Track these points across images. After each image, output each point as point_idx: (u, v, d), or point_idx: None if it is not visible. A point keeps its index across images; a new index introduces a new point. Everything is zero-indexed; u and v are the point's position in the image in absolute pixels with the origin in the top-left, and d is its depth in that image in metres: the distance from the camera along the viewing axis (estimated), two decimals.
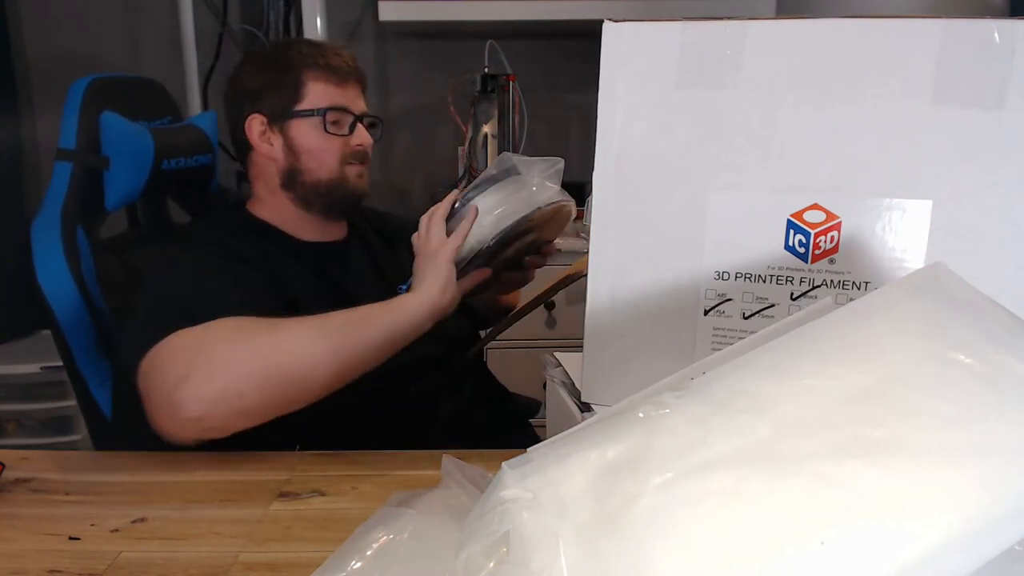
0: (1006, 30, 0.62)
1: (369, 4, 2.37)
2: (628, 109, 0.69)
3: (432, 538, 0.52)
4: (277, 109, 1.05)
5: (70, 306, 1.01)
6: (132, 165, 1.09)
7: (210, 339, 0.81)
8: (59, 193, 1.04)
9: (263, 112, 1.06)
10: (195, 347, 0.80)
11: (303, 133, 1.05)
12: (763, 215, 0.68)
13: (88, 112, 1.05)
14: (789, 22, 0.67)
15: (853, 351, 0.45)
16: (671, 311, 0.71)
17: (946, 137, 0.64)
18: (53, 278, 1.01)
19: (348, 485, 0.77)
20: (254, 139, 1.06)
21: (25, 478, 0.80)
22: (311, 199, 1.07)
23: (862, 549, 0.36)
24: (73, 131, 1.04)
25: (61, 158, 1.05)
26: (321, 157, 1.05)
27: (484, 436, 1.04)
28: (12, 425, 2.05)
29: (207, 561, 0.64)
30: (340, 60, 1.07)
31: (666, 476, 0.38)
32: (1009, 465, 0.39)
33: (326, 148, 1.05)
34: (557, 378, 0.89)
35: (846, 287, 0.68)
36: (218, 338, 0.81)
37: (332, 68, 1.06)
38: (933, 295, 0.48)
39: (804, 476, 0.38)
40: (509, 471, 0.40)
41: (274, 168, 1.07)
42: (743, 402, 0.42)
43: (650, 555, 0.36)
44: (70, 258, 1.02)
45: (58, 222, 1.02)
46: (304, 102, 1.04)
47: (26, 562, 0.64)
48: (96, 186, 1.07)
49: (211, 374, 0.79)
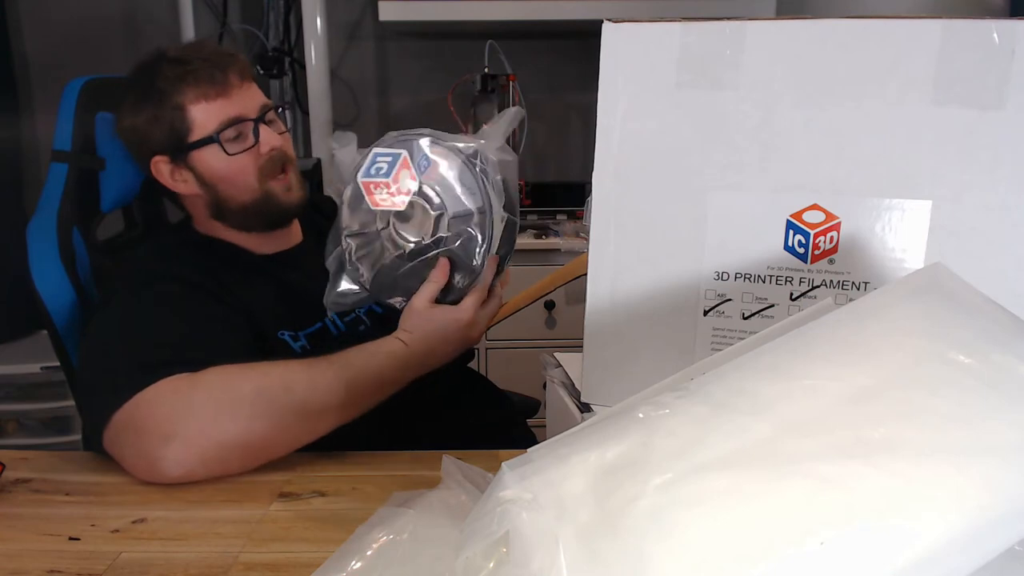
0: (1006, 30, 0.62)
1: (369, 4, 2.37)
2: (628, 109, 0.69)
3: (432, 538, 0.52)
4: (173, 146, 0.95)
5: (66, 307, 1.01)
6: (128, 166, 1.08)
7: (198, 400, 0.77)
8: (55, 194, 1.03)
9: (162, 152, 0.96)
10: (178, 405, 0.76)
11: (207, 163, 0.95)
12: (763, 215, 0.68)
13: (83, 113, 1.04)
14: (789, 22, 0.67)
15: (853, 351, 0.45)
16: (671, 311, 0.71)
17: (946, 137, 0.64)
18: (49, 280, 1.00)
19: (348, 485, 0.77)
20: (167, 182, 0.98)
21: (25, 478, 0.80)
22: (247, 222, 1.00)
23: (862, 549, 0.36)
24: (68, 132, 1.04)
25: (57, 159, 1.04)
26: (235, 181, 0.96)
27: (484, 436, 1.04)
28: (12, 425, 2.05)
29: (207, 561, 0.64)
30: (208, 65, 0.93)
31: (666, 477, 0.38)
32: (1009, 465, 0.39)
33: (236, 170, 0.95)
34: (557, 378, 0.89)
35: (846, 287, 0.68)
36: (201, 401, 0.77)
37: (205, 78, 0.93)
38: (933, 295, 0.48)
39: (804, 476, 0.38)
40: (509, 471, 0.40)
41: (199, 204, 1.00)
42: (743, 402, 0.42)
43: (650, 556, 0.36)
44: (66, 260, 1.01)
45: (54, 224, 1.02)
46: (195, 131, 0.93)
47: (26, 562, 0.64)
48: (92, 187, 1.06)
49: (194, 440, 0.76)
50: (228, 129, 0.93)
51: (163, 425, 0.76)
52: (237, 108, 0.94)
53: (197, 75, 0.93)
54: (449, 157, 0.87)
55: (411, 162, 0.86)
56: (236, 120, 0.94)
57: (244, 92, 0.95)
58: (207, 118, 0.93)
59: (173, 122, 0.94)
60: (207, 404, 0.77)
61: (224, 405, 0.77)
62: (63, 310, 1.01)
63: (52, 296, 1.00)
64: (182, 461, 0.76)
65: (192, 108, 0.93)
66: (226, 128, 0.93)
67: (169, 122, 0.94)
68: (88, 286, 1.04)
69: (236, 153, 0.94)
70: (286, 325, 0.94)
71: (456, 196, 0.87)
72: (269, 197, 0.97)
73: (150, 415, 0.76)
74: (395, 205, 0.86)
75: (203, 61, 0.93)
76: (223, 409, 0.77)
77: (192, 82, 0.93)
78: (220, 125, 0.93)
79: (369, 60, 2.44)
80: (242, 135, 0.95)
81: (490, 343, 2.08)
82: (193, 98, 0.93)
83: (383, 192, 0.85)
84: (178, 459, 0.76)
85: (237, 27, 2.39)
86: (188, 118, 0.93)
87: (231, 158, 0.94)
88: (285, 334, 0.94)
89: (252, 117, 0.95)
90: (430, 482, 0.60)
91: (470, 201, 0.87)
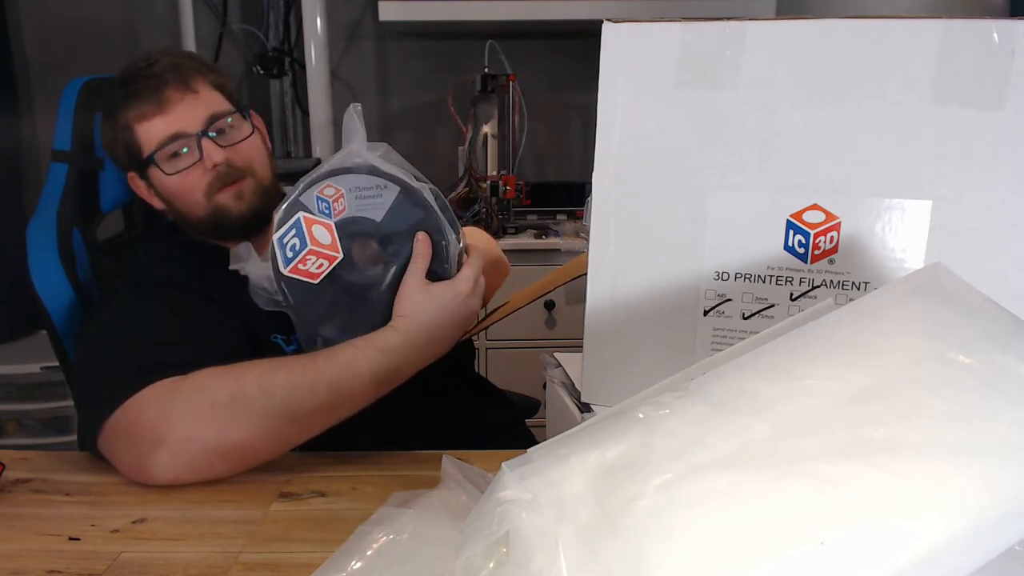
0: (1006, 30, 0.62)
1: (369, 4, 2.37)
2: (628, 109, 0.69)
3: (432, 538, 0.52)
4: (134, 164, 0.96)
5: (65, 308, 1.01)
6: None
7: (179, 405, 0.76)
8: (54, 195, 1.03)
9: (131, 169, 0.97)
10: (163, 410, 0.76)
11: (159, 181, 0.95)
12: (763, 215, 0.68)
13: (83, 113, 1.04)
14: (789, 22, 0.67)
15: (853, 351, 0.45)
16: (671, 311, 0.71)
17: (946, 137, 0.64)
18: (48, 280, 1.00)
19: (348, 485, 0.77)
20: (144, 196, 0.99)
21: (25, 478, 0.80)
22: (211, 234, 0.98)
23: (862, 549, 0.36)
24: (68, 133, 1.04)
25: (56, 159, 1.04)
26: (185, 198, 0.95)
27: (484, 436, 1.04)
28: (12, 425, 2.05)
29: (207, 561, 0.64)
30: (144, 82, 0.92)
31: (666, 477, 0.38)
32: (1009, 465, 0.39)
33: (182, 187, 0.94)
34: (557, 378, 0.89)
35: (846, 287, 0.68)
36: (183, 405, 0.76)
37: (144, 97, 0.92)
38: (933, 295, 0.48)
39: (804, 476, 0.38)
40: (509, 472, 0.40)
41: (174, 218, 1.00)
42: (743, 402, 0.42)
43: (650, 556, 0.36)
44: (65, 260, 1.01)
45: (54, 224, 1.02)
46: (144, 149, 0.93)
47: (26, 562, 0.64)
48: (91, 187, 1.06)
49: (180, 445, 0.75)
50: (171, 145, 0.92)
51: (151, 430, 0.76)
52: (177, 124, 0.92)
53: (138, 95, 0.92)
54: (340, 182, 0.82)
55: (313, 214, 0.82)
56: (176, 137, 0.92)
57: (187, 105, 0.93)
58: (148, 137, 0.93)
59: (127, 142, 0.94)
60: (188, 409, 0.76)
61: (203, 410, 0.76)
62: (62, 310, 1.01)
63: (51, 296, 1.00)
64: (171, 466, 0.76)
65: (136, 126, 0.93)
66: (166, 145, 0.92)
67: (124, 142, 0.95)
68: (88, 286, 1.04)
69: (173, 173, 0.93)
70: (278, 329, 0.93)
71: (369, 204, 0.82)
72: (219, 210, 0.95)
73: (138, 420, 0.76)
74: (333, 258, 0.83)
75: (148, 79, 0.92)
76: (202, 415, 0.76)
77: (133, 102, 0.92)
78: (158, 144, 0.92)
79: (369, 60, 2.44)
80: (188, 151, 0.92)
81: (490, 343, 2.08)
82: (135, 117, 0.93)
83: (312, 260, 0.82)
84: (166, 464, 0.76)
85: (237, 27, 2.39)
86: (137, 136, 0.93)
87: (176, 176, 0.93)
88: (278, 338, 0.93)
89: (193, 132, 0.92)
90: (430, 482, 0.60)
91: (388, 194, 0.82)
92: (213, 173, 0.93)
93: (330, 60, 2.29)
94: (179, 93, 0.92)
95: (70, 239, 1.03)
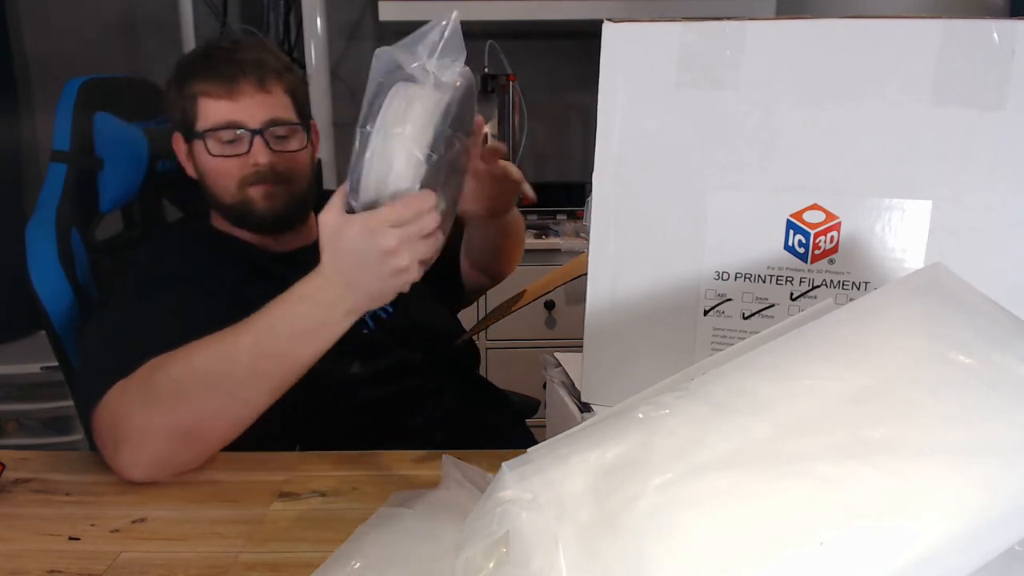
0: (1006, 30, 0.62)
1: (369, 4, 2.37)
2: (628, 109, 0.69)
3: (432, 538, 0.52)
4: (183, 129, 0.98)
5: (65, 308, 1.01)
6: (126, 166, 1.08)
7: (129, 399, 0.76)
8: (54, 195, 1.03)
9: (179, 131, 1.00)
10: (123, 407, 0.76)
11: (199, 156, 0.97)
12: (763, 215, 0.68)
13: (82, 113, 1.04)
14: (789, 22, 0.67)
15: (853, 351, 0.45)
16: (671, 311, 0.71)
17: (946, 137, 0.64)
18: (47, 280, 1.00)
19: (348, 485, 0.77)
20: (181, 159, 1.01)
21: (25, 478, 0.80)
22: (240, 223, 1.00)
23: (862, 549, 0.36)
24: (67, 132, 1.04)
25: (55, 159, 1.04)
26: (217, 180, 0.97)
27: (483, 436, 1.04)
28: (12, 425, 2.05)
29: (207, 561, 0.64)
30: (231, 66, 0.94)
31: (666, 477, 0.38)
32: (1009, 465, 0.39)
33: (219, 171, 0.96)
34: (557, 378, 0.89)
35: (846, 287, 0.68)
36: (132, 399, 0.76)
37: (220, 78, 0.94)
38: (933, 295, 0.48)
39: (804, 476, 0.38)
40: (509, 472, 0.40)
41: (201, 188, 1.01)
42: (743, 402, 0.42)
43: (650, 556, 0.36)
44: (64, 260, 1.01)
45: (53, 224, 1.02)
46: (199, 122, 0.95)
47: (26, 562, 0.64)
48: (91, 187, 1.06)
49: (137, 440, 0.75)
50: (225, 131, 0.94)
51: (113, 430, 0.76)
52: (239, 114, 0.94)
53: (215, 71, 0.94)
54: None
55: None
56: (233, 125, 0.94)
57: (255, 102, 0.95)
58: (210, 114, 0.95)
59: (185, 109, 0.96)
60: (137, 401, 0.76)
61: (149, 398, 0.75)
62: (61, 310, 1.01)
63: (51, 296, 1.00)
64: (137, 463, 0.76)
65: (201, 99, 0.95)
66: (221, 129, 0.94)
67: (182, 107, 0.97)
68: (87, 286, 1.04)
69: (218, 156, 0.95)
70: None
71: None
72: (247, 202, 0.97)
73: (102, 420, 0.77)
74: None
75: (228, 63, 0.94)
76: (149, 403, 0.75)
77: (205, 77, 0.94)
78: (215, 124, 0.94)
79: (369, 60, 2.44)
80: (238, 140, 0.95)
81: (490, 343, 2.08)
82: (203, 90, 0.95)
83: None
84: (133, 462, 0.76)
85: (237, 27, 2.39)
86: (196, 107, 0.95)
87: (215, 158, 0.95)
88: None
89: (252, 127, 0.94)
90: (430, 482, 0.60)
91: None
92: (253, 169, 0.95)
93: (330, 60, 2.28)
94: (252, 88, 0.94)
95: (69, 239, 1.03)
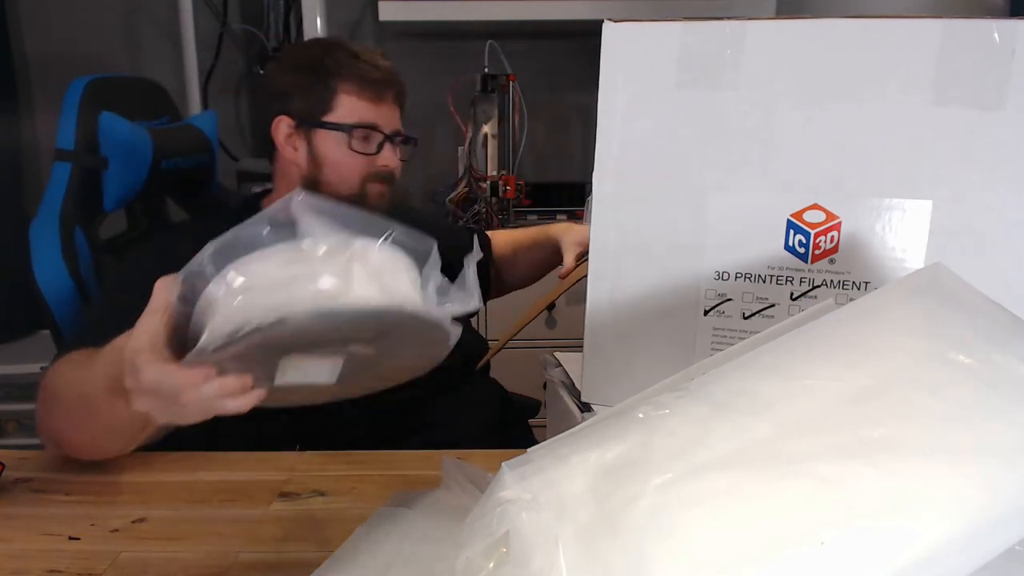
0: (1006, 30, 0.62)
1: (369, 4, 2.37)
2: (628, 109, 0.69)
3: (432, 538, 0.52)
4: (305, 115, 1.02)
5: (69, 306, 1.01)
6: (130, 165, 1.09)
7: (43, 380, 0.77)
8: (58, 193, 1.04)
9: (291, 115, 1.03)
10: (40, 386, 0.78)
11: (327, 145, 1.02)
12: (763, 215, 0.68)
13: (86, 112, 1.05)
14: (789, 22, 0.67)
15: (853, 351, 0.45)
16: (671, 311, 0.71)
17: (946, 137, 0.64)
18: (52, 279, 1.01)
19: (348, 485, 0.77)
20: (280, 141, 1.04)
21: (25, 478, 0.80)
22: None
23: (862, 549, 0.36)
24: (71, 131, 1.04)
25: (60, 158, 1.05)
26: (342, 172, 1.02)
27: (484, 436, 1.04)
28: (12, 425, 2.05)
29: (207, 561, 0.64)
30: (378, 73, 1.03)
31: (666, 477, 0.38)
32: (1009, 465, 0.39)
33: (349, 165, 1.02)
34: (557, 378, 0.89)
35: (846, 287, 0.68)
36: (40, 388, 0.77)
37: (368, 81, 1.01)
38: (933, 295, 0.48)
39: (804, 476, 0.38)
40: (509, 472, 0.40)
41: (295, 173, 1.04)
42: (743, 402, 0.42)
43: (650, 556, 0.36)
44: (68, 259, 1.02)
45: (57, 223, 1.02)
46: (333, 114, 1.01)
47: (26, 562, 0.64)
48: (95, 186, 1.07)
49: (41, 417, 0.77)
50: (361, 129, 1.01)
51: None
52: (378, 118, 1.02)
53: (364, 72, 1.01)
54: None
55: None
56: (371, 126, 1.02)
57: (389, 111, 1.04)
58: (350, 110, 1.01)
59: (321, 96, 1.01)
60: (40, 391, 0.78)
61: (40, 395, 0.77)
62: (65, 308, 1.01)
63: (54, 294, 1.01)
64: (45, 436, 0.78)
65: (343, 95, 1.01)
66: (360, 128, 1.01)
67: (318, 94, 1.01)
68: (90, 284, 1.04)
69: (358, 152, 1.02)
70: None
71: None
72: (363, 198, 1.03)
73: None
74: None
75: (374, 68, 1.02)
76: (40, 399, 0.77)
77: (356, 75, 1.01)
78: (357, 122, 1.01)
79: None
80: (368, 140, 1.02)
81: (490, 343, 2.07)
82: (348, 88, 1.01)
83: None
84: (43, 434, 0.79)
85: (237, 27, 2.39)
86: (335, 101, 1.01)
87: (349, 152, 1.01)
88: None
89: (385, 132, 1.03)
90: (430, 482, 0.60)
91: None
92: (378, 169, 1.03)
93: None
94: (391, 99, 1.05)
95: (73, 237, 1.03)
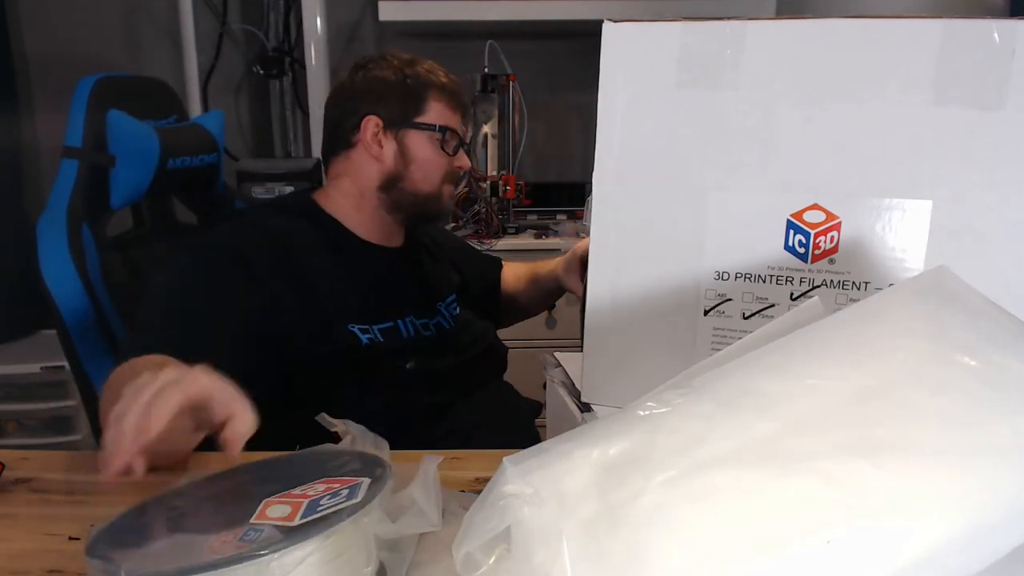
0: (1006, 30, 0.62)
1: (369, 4, 2.37)
2: (628, 109, 0.69)
3: None
4: (397, 117, 1.10)
5: (75, 304, 1.01)
6: (138, 163, 1.09)
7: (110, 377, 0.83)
8: (65, 191, 1.04)
9: (380, 116, 1.10)
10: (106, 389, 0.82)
11: (418, 144, 1.11)
12: (763, 215, 0.68)
13: (94, 110, 1.05)
14: (789, 22, 0.67)
15: (857, 352, 0.45)
16: (671, 311, 0.72)
17: (946, 137, 0.64)
18: (58, 276, 1.01)
19: None
20: (366, 139, 1.10)
21: (25, 478, 0.80)
22: (403, 205, 1.12)
23: (863, 548, 0.36)
24: (80, 129, 1.05)
25: (67, 156, 1.05)
26: (428, 170, 1.11)
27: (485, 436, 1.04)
28: (12, 425, 2.05)
29: None
30: (456, 87, 1.15)
31: (669, 473, 0.38)
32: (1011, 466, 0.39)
33: (435, 163, 1.11)
34: (557, 378, 0.89)
35: (846, 287, 0.68)
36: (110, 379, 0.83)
37: (450, 92, 1.13)
38: (937, 298, 0.48)
39: (806, 475, 0.38)
40: (511, 467, 0.40)
41: (375, 169, 1.11)
42: (747, 401, 0.42)
43: (653, 551, 0.36)
44: (75, 256, 1.02)
45: (64, 220, 1.03)
46: (424, 116, 1.11)
47: (26, 562, 0.64)
48: (102, 184, 1.07)
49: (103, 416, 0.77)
50: (450, 135, 1.12)
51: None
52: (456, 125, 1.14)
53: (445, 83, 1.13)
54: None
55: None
56: (453, 131, 1.13)
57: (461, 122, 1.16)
58: (438, 115, 1.11)
59: (414, 100, 1.11)
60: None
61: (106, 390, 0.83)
62: (72, 306, 1.02)
63: (61, 292, 1.01)
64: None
65: (432, 101, 1.11)
66: (445, 132, 1.11)
67: (411, 98, 1.11)
68: (97, 282, 1.05)
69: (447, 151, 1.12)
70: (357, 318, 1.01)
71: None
72: (439, 196, 1.13)
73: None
74: None
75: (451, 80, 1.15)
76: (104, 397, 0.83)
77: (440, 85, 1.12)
78: (444, 126, 1.11)
79: None
80: (448, 143, 1.12)
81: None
82: (436, 95, 1.11)
83: None
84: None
85: (237, 27, 2.39)
86: (425, 105, 1.11)
87: (438, 151, 1.11)
88: (355, 327, 1.00)
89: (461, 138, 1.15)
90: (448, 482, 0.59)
91: None
92: (454, 169, 1.14)
93: (330, 60, 2.28)
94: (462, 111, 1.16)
95: (80, 234, 1.04)
